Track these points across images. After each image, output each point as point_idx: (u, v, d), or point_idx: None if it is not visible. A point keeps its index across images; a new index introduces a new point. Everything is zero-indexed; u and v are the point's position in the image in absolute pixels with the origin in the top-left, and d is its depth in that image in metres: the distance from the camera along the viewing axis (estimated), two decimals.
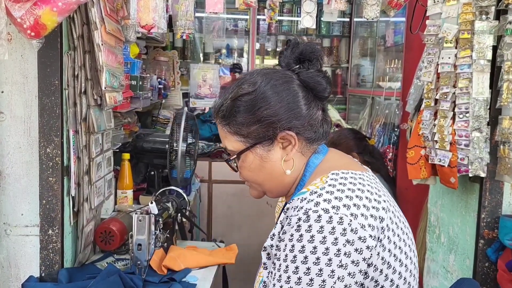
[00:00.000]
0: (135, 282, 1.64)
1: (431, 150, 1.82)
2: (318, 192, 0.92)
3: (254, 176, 1.06)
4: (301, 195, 0.93)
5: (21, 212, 1.70)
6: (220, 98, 1.06)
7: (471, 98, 1.66)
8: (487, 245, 1.76)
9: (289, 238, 0.89)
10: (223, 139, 1.07)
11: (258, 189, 1.09)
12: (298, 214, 0.90)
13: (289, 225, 0.90)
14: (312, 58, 1.04)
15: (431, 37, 1.82)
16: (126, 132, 2.65)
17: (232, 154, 1.05)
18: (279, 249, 0.91)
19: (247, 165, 1.05)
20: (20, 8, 1.35)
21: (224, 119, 1.04)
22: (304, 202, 0.91)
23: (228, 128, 1.04)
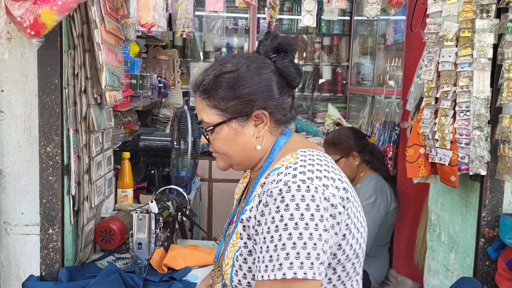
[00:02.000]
0: (136, 281, 1.64)
1: (431, 148, 1.82)
2: (292, 167, 1.02)
3: (226, 148, 1.13)
4: (276, 170, 1.03)
5: (21, 211, 1.70)
6: (202, 74, 1.15)
7: (472, 97, 1.65)
8: (487, 243, 1.76)
9: (276, 210, 0.97)
10: (200, 111, 1.14)
11: (226, 161, 1.16)
12: (278, 186, 0.98)
13: (271, 197, 0.98)
14: (288, 50, 1.14)
15: (432, 36, 1.82)
16: (126, 131, 2.65)
17: (208, 126, 1.12)
18: (265, 222, 0.98)
19: (221, 137, 1.12)
20: (20, 7, 1.34)
21: (205, 93, 1.12)
22: (282, 176, 1.00)
23: (207, 102, 1.12)
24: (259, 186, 1.06)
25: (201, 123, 1.15)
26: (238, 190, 1.32)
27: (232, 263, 1.06)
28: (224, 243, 1.17)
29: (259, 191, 1.04)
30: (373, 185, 2.55)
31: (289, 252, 0.93)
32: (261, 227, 0.99)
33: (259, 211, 1.01)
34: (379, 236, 2.59)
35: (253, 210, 1.04)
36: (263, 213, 0.99)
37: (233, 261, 1.06)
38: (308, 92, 5.05)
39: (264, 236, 0.98)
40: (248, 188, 1.24)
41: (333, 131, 3.50)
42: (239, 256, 1.05)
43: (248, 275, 1.03)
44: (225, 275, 1.08)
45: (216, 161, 1.19)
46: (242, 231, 1.05)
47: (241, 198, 1.25)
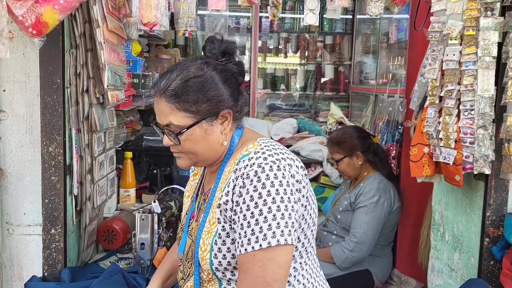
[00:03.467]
0: (138, 282, 1.63)
1: (435, 148, 1.80)
2: (260, 151, 1.14)
3: (196, 147, 1.19)
4: (246, 156, 1.13)
5: (23, 211, 1.69)
6: (163, 79, 1.18)
7: (476, 95, 1.64)
8: (492, 243, 1.75)
9: (253, 189, 1.08)
10: (167, 115, 1.17)
11: (192, 159, 1.21)
12: (253, 168, 1.10)
13: (248, 179, 1.09)
14: (233, 52, 1.24)
15: (436, 34, 1.81)
16: (128, 130, 2.64)
17: (178, 128, 1.17)
18: (243, 201, 1.08)
19: (192, 138, 1.18)
20: (22, 6, 1.34)
21: (174, 98, 1.15)
22: (253, 160, 1.11)
23: (177, 105, 1.16)
24: (231, 173, 1.14)
25: (169, 126, 1.17)
26: (190, 187, 1.38)
27: (210, 248, 1.14)
28: (189, 236, 1.25)
29: (232, 177, 1.12)
30: (377, 184, 2.54)
31: (271, 224, 1.07)
32: (240, 206, 1.09)
33: (237, 193, 1.10)
34: (383, 236, 2.58)
35: (229, 194, 1.12)
36: (241, 193, 1.10)
37: (211, 246, 1.14)
38: (310, 91, 5.04)
39: (244, 213, 1.08)
40: (204, 182, 1.31)
41: (337, 130, 3.49)
42: (217, 239, 1.13)
43: (227, 255, 1.13)
44: (202, 261, 1.15)
45: (179, 160, 1.23)
46: (220, 215, 1.13)
47: (197, 193, 1.31)
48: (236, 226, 1.10)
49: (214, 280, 1.17)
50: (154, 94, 1.20)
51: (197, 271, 1.19)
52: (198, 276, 1.19)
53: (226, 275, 1.15)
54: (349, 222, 2.52)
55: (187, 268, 1.24)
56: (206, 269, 1.16)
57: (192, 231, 1.25)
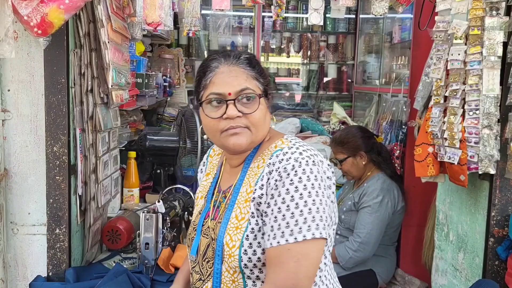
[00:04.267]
0: (143, 282, 1.63)
1: (440, 147, 1.80)
2: (294, 147, 1.14)
3: (262, 120, 1.19)
4: (279, 151, 1.14)
5: (28, 211, 1.70)
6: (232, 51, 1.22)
7: (481, 95, 1.64)
8: (497, 243, 1.74)
9: (290, 183, 1.08)
10: (243, 80, 1.16)
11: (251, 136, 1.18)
12: (290, 162, 1.10)
13: (285, 172, 1.09)
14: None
15: (440, 33, 1.80)
16: (132, 130, 2.64)
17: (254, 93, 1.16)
18: (279, 194, 1.08)
19: (263, 108, 1.18)
20: (27, 6, 1.34)
21: (249, 65, 1.18)
22: (289, 154, 1.12)
23: (251, 73, 1.18)
24: (261, 168, 1.15)
25: (243, 91, 1.15)
26: (203, 188, 1.35)
27: (239, 244, 1.12)
28: (204, 236, 1.22)
29: (265, 171, 1.13)
30: (380, 184, 2.53)
31: (307, 217, 1.07)
32: (274, 199, 1.09)
33: (272, 187, 1.10)
34: (387, 236, 2.57)
35: (263, 188, 1.12)
36: (277, 186, 1.09)
37: (241, 241, 1.12)
38: (313, 90, 5.03)
39: (279, 206, 1.08)
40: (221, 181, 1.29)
41: (341, 130, 3.48)
42: (249, 234, 1.12)
43: (258, 250, 1.11)
44: (229, 258, 1.12)
45: (238, 137, 1.17)
46: (254, 210, 1.13)
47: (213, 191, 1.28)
48: (268, 219, 1.10)
49: (239, 281, 1.14)
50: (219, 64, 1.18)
51: (219, 270, 1.16)
52: (220, 275, 1.16)
53: (254, 272, 1.13)
54: (353, 222, 2.51)
55: (206, 269, 1.20)
56: (233, 266, 1.13)
57: (207, 230, 1.22)
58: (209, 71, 1.18)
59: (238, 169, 1.23)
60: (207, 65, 1.20)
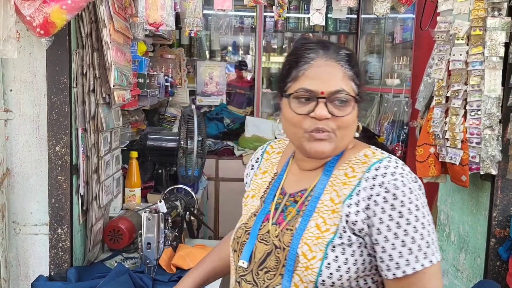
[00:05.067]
0: (145, 282, 1.63)
1: (442, 148, 1.80)
2: (392, 160, 1.04)
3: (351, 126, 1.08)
4: (377, 163, 1.03)
5: (30, 211, 1.70)
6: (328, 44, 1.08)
7: (483, 96, 1.64)
8: (498, 243, 1.74)
9: (401, 205, 0.98)
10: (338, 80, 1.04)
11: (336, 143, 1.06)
12: (397, 179, 1.00)
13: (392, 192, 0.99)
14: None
15: (442, 34, 1.80)
16: (133, 130, 2.65)
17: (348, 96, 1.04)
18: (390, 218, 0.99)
19: (355, 113, 1.07)
20: (30, 6, 1.34)
21: (348, 63, 1.06)
22: (391, 169, 1.01)
23: (348, 72, 1.06)
24: (354, 178, 1.04)
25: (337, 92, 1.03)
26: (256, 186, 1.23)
27: (323, 256, 1.01)
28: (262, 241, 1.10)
29: (363, 185, 1.02)
30: None
31: (428, 241, 0.99)
32: (386, 224, 0.99)
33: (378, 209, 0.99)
34: None
35: (360, 204, 1.01)
36: (384, 209, 0.99)
37: (325, 253, 1.01)
38: None
39: (395, 232, 0.99)
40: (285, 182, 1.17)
41: None
42: (336, 247, 1.01)
43: (342, 267, 1.01)
44: (306, 270, 1.01)
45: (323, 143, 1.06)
46: (344, 224, 1.02)
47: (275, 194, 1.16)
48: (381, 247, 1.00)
49: None
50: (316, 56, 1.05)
51: (288, 283, 1.03)
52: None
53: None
54: None
55: (263, 279, 1.07)
56: (307, 281, 1.01)
57: (267, 235, 1.10)
58: (304, 62, 1.05)
59: (312, 174, 1.12)
60: (301, 55, 1.07)
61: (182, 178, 2.46)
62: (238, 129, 4.17)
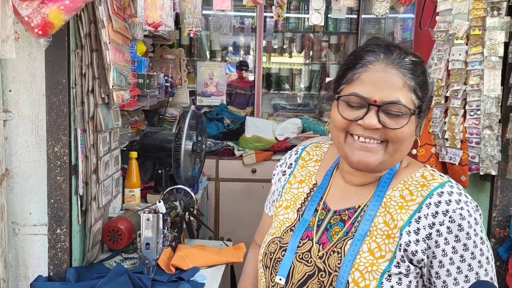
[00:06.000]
0: (144, 282, 1.63)
1: (441, 148, 1.80)
2: (453, 186, 0.99)
3: (406, 141, 0.99)
4: (439, 188, 0.97)
5: (29, 211, 1.70)
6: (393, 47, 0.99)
7: (482, 95, 1.64)
8: (498, 244, 1.74)
9: (466, 237, 0.93)
10: (396, 90, 0.95)
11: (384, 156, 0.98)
12: (462, 208, 0.94)
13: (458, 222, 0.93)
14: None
15: (441, 34, 1.80)
16: (133, 130, 2.65)
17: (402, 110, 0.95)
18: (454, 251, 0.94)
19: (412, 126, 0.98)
20: (28, 7, 1.34)
21: (411, 73, 0.97)
22: (455, 196, 0.96)
23: (410, 82, 0.96)
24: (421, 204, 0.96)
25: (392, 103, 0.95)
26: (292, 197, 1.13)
27: (377, 285, 0.94)
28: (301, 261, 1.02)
29: (424, 212, 0.95)
30: None
31: (492, 277, 0.97)
32: (448, 257, 0.95)
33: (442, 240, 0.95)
34: None
35: (420, 233, 0.95)
36: (447, 241, 0.94)
37: (379, 281, 0.94)
38: (315, 91, 5.03)
39: (458, 265, 0.95)
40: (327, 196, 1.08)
41: None
42: (393, 276, 0.95)
43: None
44: None
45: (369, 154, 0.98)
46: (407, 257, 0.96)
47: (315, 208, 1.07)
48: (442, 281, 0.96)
49: None
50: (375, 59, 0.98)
51: None
52: None
53: None
54: None
55: None
56: None
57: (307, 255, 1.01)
58: (361, 64, 0.98)
59: (362, 190, 1.04)
60: (360, 56, 1.00)
61: (176, 179, 2.46)
62: (238, 129, 4.16)
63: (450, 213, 0.94)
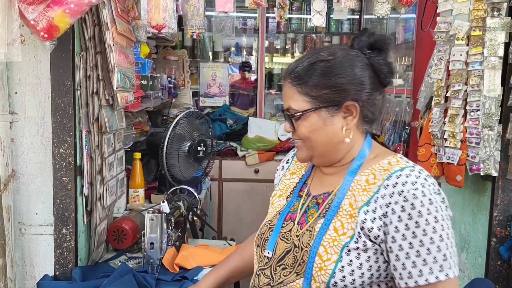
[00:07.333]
0: (148, 281, 1.65)
1: (439, 148, 1.81)
2: (415, 169, 1.04)
3: (311, 136, 1.12)
4: (399, 171, 1.04)
5: (35, 212, 1.72)
6: (295, 62, 1.16)
7: (482, 96, 1.65)
8: (499, 243, 1.75)
9: (418, 215, 0.99)
10: (288, 98, 1.14)
11: (309, 151, 1.15)
12: (417, 189, 1.00)
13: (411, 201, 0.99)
14: (383, 48, 1.15)
15: (442, 34, 1.82)
16: (137, 131, 2.67)
17: (296, 112, 1.12)
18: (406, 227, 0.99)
19: (308, 124, 1.12)
20: (34, 11, 1.36)
21: (297, 80, 1.12)
22: (412, 178, 1.02)
23: (298, 88, 1.12)
24: (375, 185, 1.06)
25: (288, 110, 1.14)
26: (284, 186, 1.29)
27: (337, 259, 1.04)
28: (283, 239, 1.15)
29: (381, 192, 1.04)
30: None
31: (446, 253, 0.99)
32: (402, 233, 1.00)
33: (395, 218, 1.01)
34: None
35: (377, 211, 1.03)
36: (401, 218, 1.00)
37: (340, 256, 1.04)
38: None
39: (410, 241, 0.99)
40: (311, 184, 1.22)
41: None
42: (351, 251, 1.04)
43: (356, 271, 1.03)
44: (320, 271, 1.04)
45: (297, 151, 1.18)
46: (359, 230, 1.04)
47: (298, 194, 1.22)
48: (395, 255, 1.01)
49: None
50: (282, 77, 1.18)
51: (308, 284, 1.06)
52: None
53: None
54: None
55: (279, 275, 1.12)
56: (319, 281, 1.04)
57: (288, 234, 1.15)
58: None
59: (335, 178, 1.16)
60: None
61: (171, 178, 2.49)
62: (241, 130, 4.18)
63: (404, 193, 1.00)
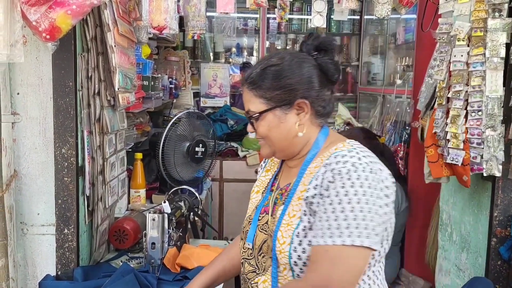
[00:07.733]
0: (149, 281, 1.66)
1: (443, 149, 1.82)
2: (354, 151, 1.14)
3: (270, 133, 1.24)
4: (338, 153, 1.14)
5: (37, 212, 1.73)
6: (250, 69, 1.27)
7: (484, 96, 1.65)
8: (499, 243, 1.76)
9: (341, 186, 1.08)
10: (247, 102, 1.25)
11: (271, 147, 1.26)
12: (346, 166, 1.10)
13: (339, 175, 1.09)
14: (328, 49, 1.26)
15: (443, 35, 1.82)
16: (138, 132, 2.67)
17: (254, 113, 1.24)
18: (328, 195, 1.09)
19: (266, 124, 1.23)
20: (36, 12, 1.37)
21: (252, 84, 1.23)
22: (347, 158, 1.12)
23: (254, 92, 1.23)
24: (318, 167, 1.16)
25: (248, 112, 1.26)
26: (261, 183, 1.40)
27: (290, 241, 1.14)
28: (260, 230, 1.25)
29: (321, 171, 1.14)
30: None
31: (350, 223, 1.06)
32: (323, 199, 1.10)
33: (324, 187, 1.11)
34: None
35: (317, 188, 1.13)
36: (328, 187, 1.10)
37: (291, 238, 1.14)
38: None
39: (326, 207, 1.09)
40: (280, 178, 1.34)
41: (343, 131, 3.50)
42: (300, 231, 1.13)
43: (307, 248, 1.12)
44: (280, 254, 1.15)
45: (261, 149, 1.30)
46: (306, 208, 1.14)
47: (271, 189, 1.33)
48: (316, 218, 1.11)
49: (289, 278, 1.16)
50: (241, 84, 1.29)
51: (275, 265, 1.18)
52: (276, 270, 1.18)
53: (303, 270, 1.13)
54: None
55: (261, 263, 1.24)
56: (283, 263, 1.15)
57: (264, 225, 1.25)
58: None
59: (296, 170, 1.25)
60: None
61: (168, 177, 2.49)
62: (242, 130, 4.19)
63: (335, 170, 1.10)
